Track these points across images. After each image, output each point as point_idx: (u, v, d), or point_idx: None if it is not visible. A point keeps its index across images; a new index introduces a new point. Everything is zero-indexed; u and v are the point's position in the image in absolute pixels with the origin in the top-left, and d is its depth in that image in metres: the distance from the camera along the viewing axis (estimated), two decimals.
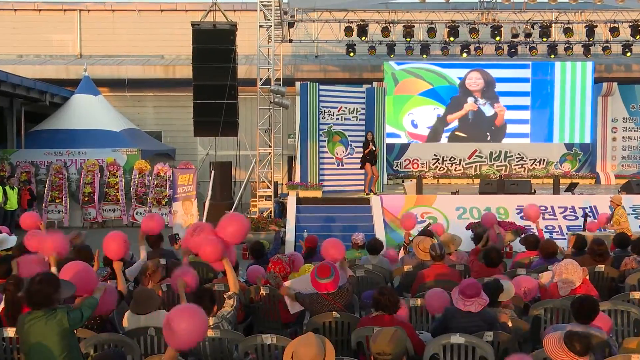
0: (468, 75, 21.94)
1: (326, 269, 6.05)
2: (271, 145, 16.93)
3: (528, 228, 13.55)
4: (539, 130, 22.10)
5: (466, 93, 21.96)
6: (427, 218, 14.71)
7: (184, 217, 15.08)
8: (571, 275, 6.34)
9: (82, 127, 19.09)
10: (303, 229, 14.07)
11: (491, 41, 19.53)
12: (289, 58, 22.77)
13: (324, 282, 6.00)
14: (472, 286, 5.51)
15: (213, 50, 15.39)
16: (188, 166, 15.55)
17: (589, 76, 21.88)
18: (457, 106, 22.00)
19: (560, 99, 21.92)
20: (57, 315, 4.50)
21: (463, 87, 21.96)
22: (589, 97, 21.81)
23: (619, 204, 11.99)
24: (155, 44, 23.48)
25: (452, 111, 21.98)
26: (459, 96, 21.95)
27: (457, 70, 21.93)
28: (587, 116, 21.92)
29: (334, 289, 6.01)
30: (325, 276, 6.01)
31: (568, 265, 6.44)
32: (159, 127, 23.55)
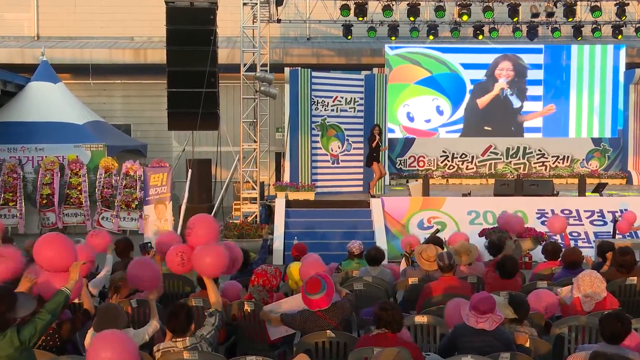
0: (499, 65, 22.02)
1: (316, 283, 6.05)
2: (256, 141, 16.92)
3: (550, 235, 13.58)
4: (555, 123, 22.20)
5: (494, 81, 22.10)
6: (435, 223, 14.75)
7: (156, 223, 15.04)
8: (593, 288, 6.37)
9: (40, 119, 18.99)
10: (293, 236, 14.07)
11: (508, 21, 19.55)
12: (277, 40, 22.75)
13: (314, 297, 6.00)
14: (485, 301, 5.51)
15: (190, 32, 15.36)
16: (161, 164, 15.49)
17: (621, 61, 21.94)
18: (482, 89, 22.10)
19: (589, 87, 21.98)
20: (6, 334, 4.48)
21: (492, 77, 22.04)
22: (620, 85, 21.87)
23: None
24: (123, 25, 23.41)
25: (480, 95, 22.09)
26: (486, 82, 22.08)
27: (458, 56, 21.97)
28: (617, 107, 21.97)
29: (326, 304, 6.00)
30: (316, 291, 6.01)
31: (585, 277, 6.47)
32: (128, 119, 23.48)
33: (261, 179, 17.37)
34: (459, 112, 22.10)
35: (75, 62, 22.54)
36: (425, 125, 22.12)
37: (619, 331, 5.13)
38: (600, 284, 6.42)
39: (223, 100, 17.41)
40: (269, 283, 6.77)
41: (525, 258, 13.31)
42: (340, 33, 20.15)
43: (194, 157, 16.50)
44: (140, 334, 5.83)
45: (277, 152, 20.13)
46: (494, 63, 22.07)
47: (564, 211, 14.94)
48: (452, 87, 22.05)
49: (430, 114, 22.06)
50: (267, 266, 7.03)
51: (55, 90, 20.03)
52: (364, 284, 7.94)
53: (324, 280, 6.08)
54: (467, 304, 5.63)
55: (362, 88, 17.63)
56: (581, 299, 6.43)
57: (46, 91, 19.81)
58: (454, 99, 22.06)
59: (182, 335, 5.31)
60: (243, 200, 16.48)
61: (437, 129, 22.10)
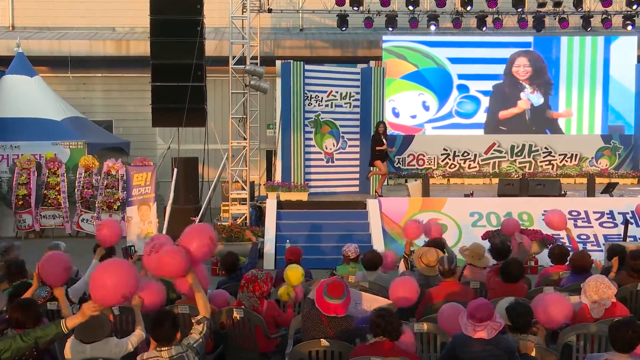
0: (515, 62, 22.06)
1: (339, 287, 6.09)
2: (246, 138, 16.92)
3: (557, 238, 13.64)
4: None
5: (513, 82, 22.14)
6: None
7: (140, 225, 15.05)
8: (599, 294, 6.40)
9: (15, 115, 18.95)
10: (285, 239, 14.09)
11: (512, 11, 19.59)
12: (268, 31, 22.75)
13: (333, 302, 6.04)
14: (482, 308, 5.55)
15: (175, 22, 15.36)
16: (145, 163, 15.50)
17: (632, 53, 22.00)
18: (504, 97, 22.13)
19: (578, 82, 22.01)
20: None
21: (509, 75, 22.09)
22: (632, 79, 21.93)
23: None
24: (104, 14, 23.38)
25: (500, 104, 22.14)
26: (504, 84, 22.12)
27: (445, 50, 21.99)
28: (629, 102, 22.03)
29: (343, 313, 6.05)
30: (337, 296, 6.05)
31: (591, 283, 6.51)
32: (110, 115, 23.46)
33: (251, 178, 17.37)
34: (445, 108, 22.06)
35: (53, 54, 22.49)
36: (411, 121, 22.11)
37: (630, 339, 5.16)
38: (607, 290, 6.44)
39: (210, 95, 17.39)
40: (259, 289, 6.78)
41: (530, 262, 13.35)
42: (335, 24, 20.12)
43: (180, 155, 16.50)
44: (123, 344, 5.84)
45: (268, 150, 20.15)
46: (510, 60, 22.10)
47: (572, 212, 14.99)
48: (438, 82, 22.07)
49: (416, 110, 22.08)
50: (257, 271, 7.04)
51: (31, 84, 19.98)
52: (361, 289, 7.94)
53: (346, 288, 6.12)
54: (464, 312, 5.66)
55: (358, 82, 17.66)
56: (589, 305, 6.47)
57: (22, 85, 19.76)
58: (440, 94, 22.07)
59: (167, 345, 5.32)
60: (232, 201, 16.48)
61: (422, 125, 22.10)
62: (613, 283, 6.62)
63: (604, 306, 6.41)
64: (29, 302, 6.01)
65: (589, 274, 7.97)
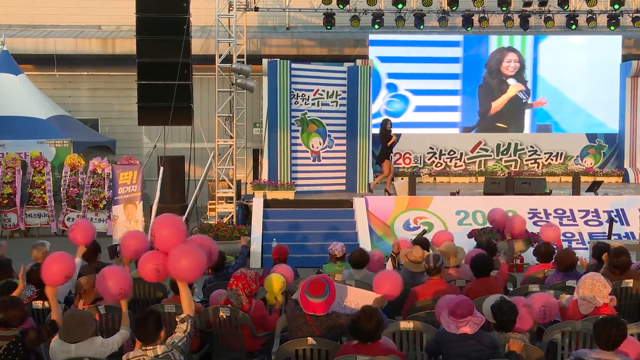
0: (505, 58, 22.13)
1: (319, 285, 6.06)
2: (233, 136, 16.89)
3: None
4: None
5: (499, 77, 22.23)
6: (422, 224, 14.81)
7: (126, 224, 14.98)
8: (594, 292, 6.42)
9: (0, 113, 18.87)
10: (271, 238, 14.08)
11: (498, 10, 19.66)
12: (255, 30, 22.73)
13: (313, 301, 6.02)
14: (462, 304, 5.61)
15: (161, 21, 15.32)
16: (131, 162, 15.44)
17: (616, 53, 22.12)
18: (490, 92, 22.21)
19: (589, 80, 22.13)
20: None
21: (497, 71, 22.17)
22: (616, 78, 22.04)
23: None
24: (90, 12, 23.27)
25: (486, 98, 22.21)
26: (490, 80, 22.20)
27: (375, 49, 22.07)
28: (613, 101, 22.13)
29: (322, 311, 6.01)
30: (318, 294, 6.02)
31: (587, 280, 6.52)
32: (96, 113, 23.35)
33: (238, 177, 17.34)
34: (374, 107, 22.05)
35: (39, 53, 22.40)
36: None
37: (615, 337, 5.19)
38: (603, 289, 6.44)
39: (197, 93, 17.37)
40: (248, 287, 6.75)
41: (516, 260, 13.40)
42: (321, 22, 20.17)
43: (166, 154, 16.44)
44: (108, 343, 5.81)
45: (254, 149, 20.11)
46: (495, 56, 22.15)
47: (557, 211, 15.05)
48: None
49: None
50: (247, 269, 7.02)
51: (16, 82, 19.89)
52: None
53: (328, 285, 6.09)
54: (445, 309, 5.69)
55: (344, 81, 17.65)
56: (579, 301, 6.49)
57: (7, 83, 19.66)
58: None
59: (151, 344, 5.30)
60: (218, 199, 16.45)
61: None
62: (609, 283, 6.63)
63: (594, 305, 6.43)
64: (14, 300, 5.98)
65: (575, 271, 8.03)
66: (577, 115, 22.28)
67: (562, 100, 22.24)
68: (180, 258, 5.79)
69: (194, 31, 17.03)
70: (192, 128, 16.58)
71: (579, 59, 22.13)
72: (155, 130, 19.36)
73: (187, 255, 5.80)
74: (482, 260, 7.60)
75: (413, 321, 6.42)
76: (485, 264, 7.55)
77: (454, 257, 8.44)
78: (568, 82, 22.15)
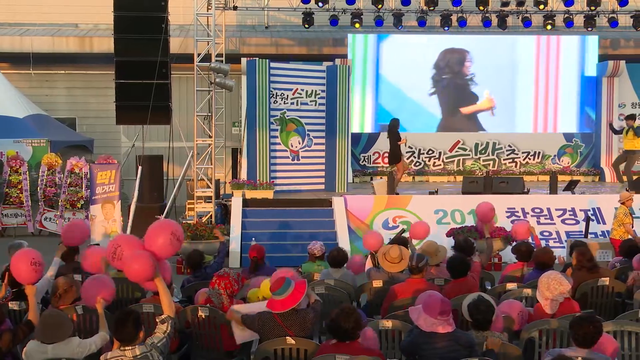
0: (467, 58, 22.23)
1: (279, 281, 6.04)
2: (211, 136, 16.84)
3: None
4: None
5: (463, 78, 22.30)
6: (401, 223, 14.85)
7: (104, 224, 14.91)
8: (550, 290, 6.49)
9: None
10: (250, 237, 14.06)
11: (476, 10, 19.76)
12: (234, 29, 22.68)
13: (275, 298, 6.00)
14: (439, 303, 5.61)
15: (139, 19, 15.23)
16: (109, 161, 15.35)
17: (593, 52, 22.29)
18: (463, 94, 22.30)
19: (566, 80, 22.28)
20: None
21: (460, 73, 22.23)
22: (593, 78, 22.21)
23: (624, 202, 12.31)
24: (67, 10, 23.10)
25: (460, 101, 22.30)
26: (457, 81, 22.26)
27: None
28: (589, 100, 22.30)
29: (284, 308, 5.98)
30: (275, 290, 6.01)
31: (542, 279, 6.62)
32: (73, 112, 23.21)
33: (216, 176, 17.30)
34: None
35: (15, 51, 22.21)
36: None
37: (591, 334, 5.25)
38: (559, 286, 6.50)
39: (175, 92, 17.28)
40: (230, 287, 6.73)
41: (494, 259, 13.49)
42: (300, 21, 20.15)
43: (145, 153, 16.38)
44: (86, 344, 5.77)
45: (233, 148, 20.08)
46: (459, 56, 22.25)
47: (535, 210, 15.17)
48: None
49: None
50: (229, 269, 7.00)
51: None
52: (326, 287, 7.96)
53: (291, 280, 6.07)
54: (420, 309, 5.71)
55: (323, 80, 17.64)
56: (542, 302, 6.57)
57: None
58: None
59: (130, 344, 5.28)
60: (197, 199, 16.39)
61: None
62: (567, 278, 6.70)
63: (557, 302, 6.50)
64: None
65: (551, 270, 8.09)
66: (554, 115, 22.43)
67: (538, 99, 22.38)
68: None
69: (172, 30, 16.97)
70: (170, 127, 16.52)
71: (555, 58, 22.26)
72: (133, 129, 19.29)
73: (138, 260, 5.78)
74: (459, 262, 7.63)
75: (392, 320, 6.44)
76: (461, 265, 7.59)
77: (435, 255, 8.48)
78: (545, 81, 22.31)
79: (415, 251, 8.44)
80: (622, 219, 12.08)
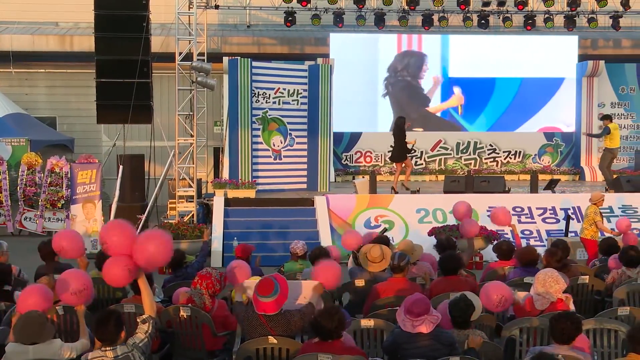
0: (425, 62, 22.27)
1: (268, 284, 6.03)
2: (193, 135, 16.79)
3: (502, 234, 13.85)
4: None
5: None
6: (382, 222, 14.89)
7: (85, 223, 14.86)
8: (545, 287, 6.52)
9: None
10: (232, 237, 14.05)
11: (457, 10, 19.82)
12: (215, 28, 22.62)
13: (262, 300, 6.00)
14: (419, 302, 5.65)
15: (120, 18, 15.17)
16: (90, 160, 15.30)
17: (573, 52, 22.44)
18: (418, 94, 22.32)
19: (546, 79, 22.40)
20: None
21: (415, 77, 22.27)
22: (573, 78, 22.35)
23: (595, 202, 12.41)
24: (47, 9, 22.93)
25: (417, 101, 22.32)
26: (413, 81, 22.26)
27: None
28: (570, 100, 22.43)
29: (272, 311, 5.98)
30: (266, 294, 5.99)
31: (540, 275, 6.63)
32: (53, 111, 23.05)
33: (198, 175, 17.24)
34: None
35: None
36: None
37: (569, 331, 5.29)
38: (554, 284, 6.54)
39: (157, 91, 17.24)
40: (212, 287, 6.70)
41: (475, 258, 13.55)
42: (282, 20, 20.13)
43: (126, 152, 16.33)
44: (68, 348, 5.71)
45: (215, 147, 20.04)
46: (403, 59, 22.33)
47: (516, 208, 15.25)
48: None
49: None
50: (212, 269, 6.98)
51: None
52: None
53: (278, 284, 6.06)
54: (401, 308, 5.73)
55: (305, 79, 17.65)
56: (534, 297, 6.59)
57: None
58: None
59: (111, 344, 5.26)
60: (179, 198, 16.33)
61: None
62: (565, 278, 6.73)
63: (548, 300, 6.53)
64: None
65: (536, 269, 8.13)
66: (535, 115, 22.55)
67: (519, 99, 22.51)
68: (147, 244, 5.62)
69: (154, 29, 16.90)
70: (152, 126, 16.46)
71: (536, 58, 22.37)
72: (114, 128, 19.18)
73: (154, 240, 5.64)
74: (450, 258, 7.66)
75: (374, 319, 6.45)
76: (452, 262, 7.62)
77: (412, 254, 8.51)
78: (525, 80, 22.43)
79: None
80: (594, 217, 12.17)
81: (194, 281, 6.81)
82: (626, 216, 15.04)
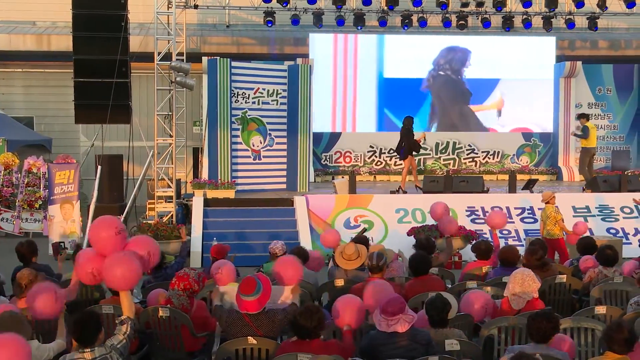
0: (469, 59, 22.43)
1: (250, 283, 6.04)
2: (172, 135, 16.74)
3: (480, 233, 13.93)
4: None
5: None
6: (362, 222, 14.92)
7: (62, 224, 14.76)
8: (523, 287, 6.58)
9: None
10: (212, 237, 13.99)
11: (437, 11, 19.89)
12: (194, 27, 22.55)
13: (245, 299, 6.00)
14: (393, 302, 5.69)
15: (98, 17, 15.09)
16: (68, 160, 15.21)
17: (550, 53, 22.60)
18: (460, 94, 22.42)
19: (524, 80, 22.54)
20: None
21: (458, 72, 22.42)
22: (551, 78, 22.51)
23: (548, 201, 12.52)
24: (24, 8, 22.78)
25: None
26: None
27: None
28: (548, 101, 22.59)
29: (255, 310, 5.99)
30: (248, 292, 6.00)
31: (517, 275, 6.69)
32: (31, 111, 22.91)
33: (177, 176, 17.19)
34: None
35: None
36: None
37: (547, 330, 5.33)
38: (532, 284, 6.61)
39: (135, 91, 17.13)
40: (190, 287, 6.69)
41: (454, 257, 13.61)
42: (262, 20, 20.10)
43: (104, 152, 16.24)
44: (45, 349, 5.68)
45: (194, 148, 19.95)
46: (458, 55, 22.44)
47: (494, 208, 15.32)
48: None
49: None
50: (190, 269, 6.97)
51: None
52: None
53: (261, 283, 6.06)
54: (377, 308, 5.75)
55: (285, 79, 17.66)
56: (510, 297, 6.64)
57: None
58: None
59: (89, 346, 5.23)
60: (158, 199, 16.28)
61: None
62: (538, 278, 6.80)
63: (525, 299, 6.58)
64: None
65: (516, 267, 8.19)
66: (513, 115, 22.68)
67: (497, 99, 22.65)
68: (115, 267, 5.72)
69: (132, 28, 16.84)
70: (130, 126, 16.38)
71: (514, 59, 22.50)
72: (92, 128, 19.08)
73: (122, 264, 5.74)
74: (420, 259, 7.70)
75: None
76: (422, 263, 7.66)
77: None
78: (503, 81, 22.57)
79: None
80: (556, 216, 12.22)
81: (171, 282, 6.80)
82: (602, 216, 15.32)
